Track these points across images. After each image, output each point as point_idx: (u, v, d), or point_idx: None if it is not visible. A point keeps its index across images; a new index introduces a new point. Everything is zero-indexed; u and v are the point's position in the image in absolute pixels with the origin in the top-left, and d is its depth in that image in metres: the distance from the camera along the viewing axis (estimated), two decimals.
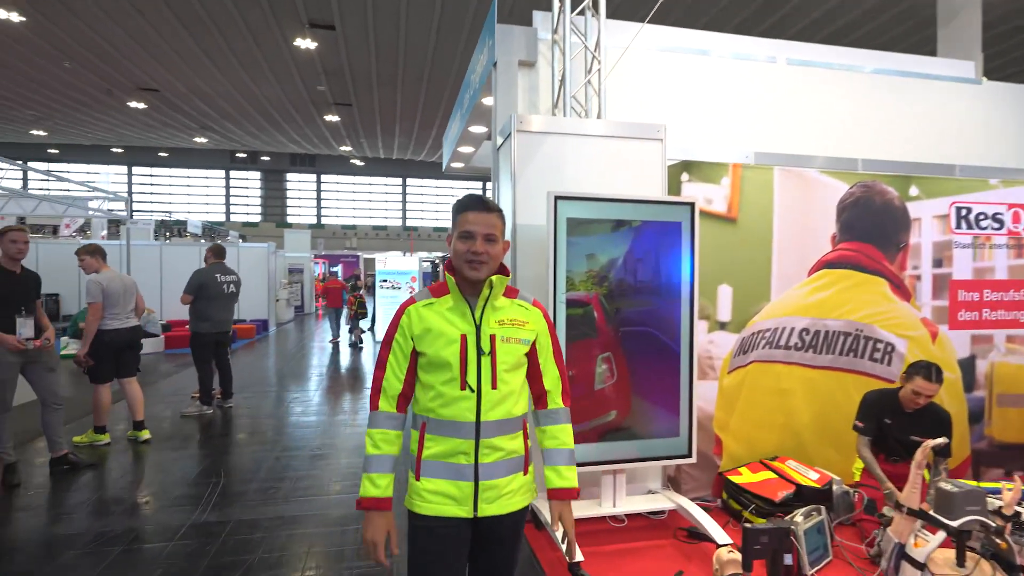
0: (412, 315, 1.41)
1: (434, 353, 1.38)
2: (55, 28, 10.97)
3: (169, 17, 10.52)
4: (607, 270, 1.93)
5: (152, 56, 12.31)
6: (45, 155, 23.59)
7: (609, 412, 1.95)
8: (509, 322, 1.45)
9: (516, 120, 2.07)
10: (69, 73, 13.18)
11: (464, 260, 1.38)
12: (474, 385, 1.38)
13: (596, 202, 1.90)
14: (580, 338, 1.91)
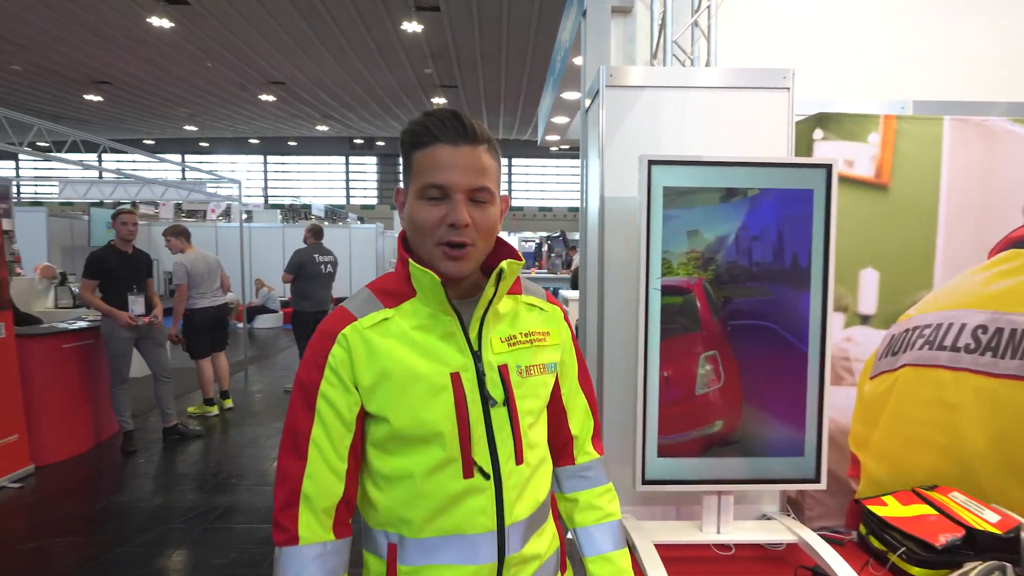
0: (353, 345, 0.82)
1: (408, 418, 0.81)
2: (199, 32, 12.09)
3: (291, 11, 11.18)
4: (714, 250, 1.59)
5: (278, 50, 13.21)
6: (198, 148, 26.50)
7: (713, 422, 1.62)
8: (524, 338, 0.92)
9: (605, 74, 1.76)
10: (211, 72, 14.56)
11: (436, 242, 0.83)
12: (488, 466, 0.83)
13: (701, 166, 1.56)
14: (678, 332, 1.59)
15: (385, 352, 0.83)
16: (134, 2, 10.70)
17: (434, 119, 0.83)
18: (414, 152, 0.84)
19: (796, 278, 1.58)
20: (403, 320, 0.86)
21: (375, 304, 0.87)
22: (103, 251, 3.74)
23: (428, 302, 0.86)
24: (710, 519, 1.69)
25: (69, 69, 14.32)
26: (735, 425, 1.62)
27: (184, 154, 26.18)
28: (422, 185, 0.82)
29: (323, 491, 0.82)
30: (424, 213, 0.83)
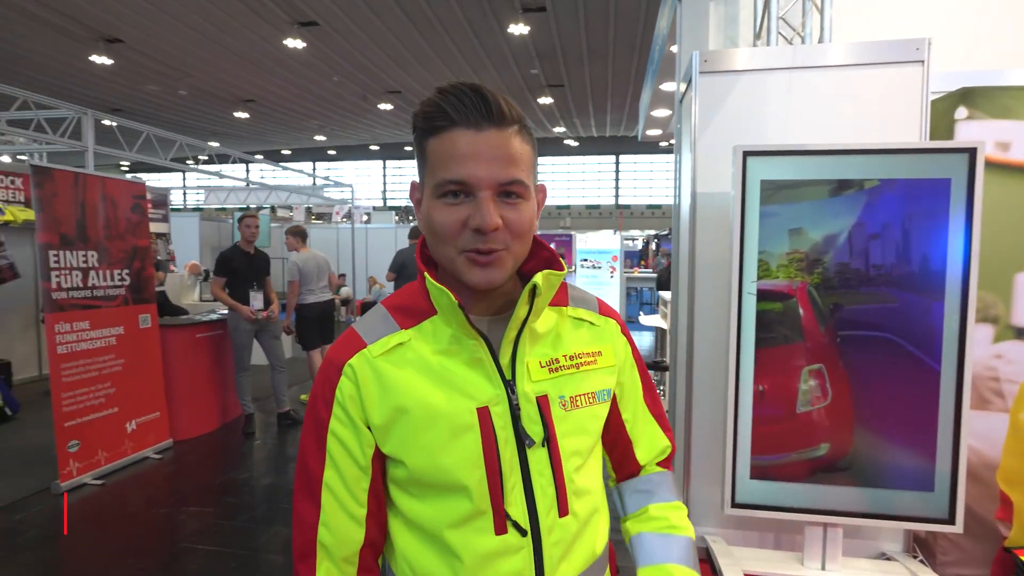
0: (361, 377, 0.71)
1: (426, 462, 0.69)
2: (326, 49, 13.14)
3: (407, 24, 11.79)
4: (821, 251, 1.40)
5: (395, 61, 13.99)
6: (326, 156, 28.87)
7: (818, 444, 1.43)
8: (569, 361, 0.77)
9: (698, 60, 1.63)
10: (336, 85, 15.77)
11: (459, 249, 0.68)
12: (525, 520, 0.70)
13: (806, 156, 1.38)
14: (776, 343, 1.43)
15: (400, 385, 0.70)
16: (273, 27, 11.87)
17: (450, 97, 0.66)
18: (428, 140, 0.68)
19: (926, 283, 1.35)
20: (423, 344, 0.72)
21: (390, 325, 0.74)
22: (229, 251, 4.21)
23: (451, 322, 0.72)
24: (813, 553, 1.50)
25: (223, 91, 16.24)
26: (845, 449, 1.42)
27: (315, 161, 28.65)
28: (439, 181, 0.67)
29: (341, 539, 0.73)
30: (443, 215, 0.67)
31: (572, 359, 0.77)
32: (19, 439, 4.33)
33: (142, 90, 15.68)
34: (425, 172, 0.71)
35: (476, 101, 0.66)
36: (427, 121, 0.68)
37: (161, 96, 16.28)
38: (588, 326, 0.83)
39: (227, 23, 11.69)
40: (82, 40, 12.16)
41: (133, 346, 3.89)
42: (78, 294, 3.26)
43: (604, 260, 10.67)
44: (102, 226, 3.41)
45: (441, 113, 0.67)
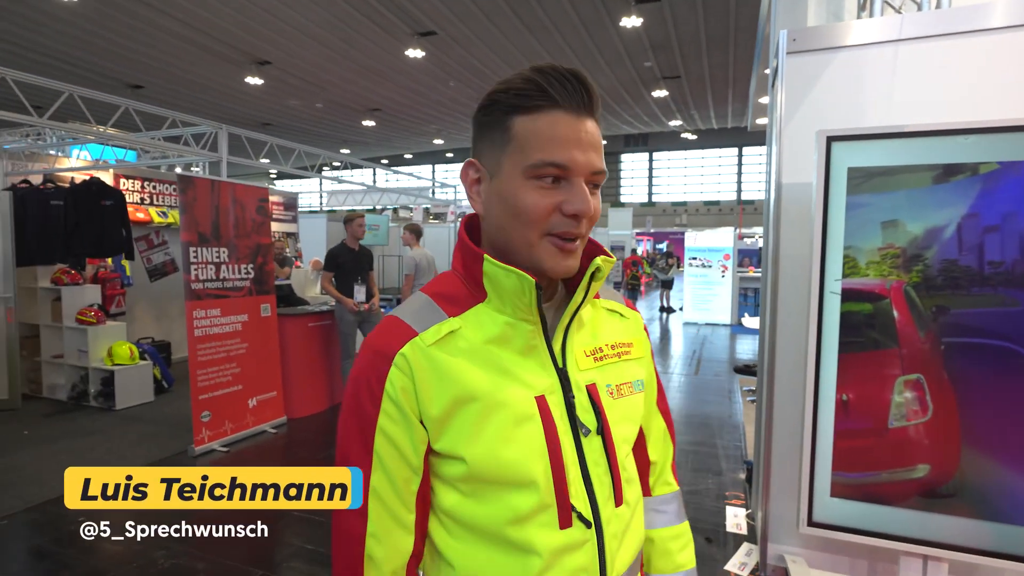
0: (415, 368, 0.65)
1: (488, 456, 0.64)
2: (443, 57, 13.78)
3: (520, 27, 12.02)
4: (922, 246, 1.23)
5: (507, 63, 14.30)
6: (444, 159, 30.25)
7: (914, 465, 1.26)
8: (611, 350, 0.76)
9: (785, 40, 1.51)
10: (452, 91, 16.47)
11: (543, 232, 0.65)
12: (588, 511, 0.68)
13: (904, 139, 1.23)
14: (864, 348, 1.28)
15: (457, 374, 0.65)
16: (396, 39, 12.68)
17: (551, 78, 0.63)
18: (516, 116, 0.64)
19: None
20: (473, 331, 0.68)
21: (437, 313, 0.69)
22: (337, 248, 4.65)
23: (506, 308, 0.68)
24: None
25: (353, 102, 17.65)
26: (949, 473, 1.24)
27: (434, 164, 30.14)
28: (536, 162, 0.63)
29: (391, 551, 0.67)
30: (535, 197, 0.64)
31: (614, 348, 0.77)
32: (170, 409, 5.08)
33: (286, 105, 17.52)
34: (507, 151, 0.65)
35: (578, 87, 0.64)
36: (521, 98, 0.64)
37: (301, 110, 18.07)
38: (619, 317, 0.82)
39: (355, 39, 12.69)
40: (238, 63, 13.85)
41: (255, 332, 4.39)
42: (211, 285, 3.79)
43: (715, 259, 10.10)
44: (232, 226, 3.93)
45: (541, 92, 0.63)
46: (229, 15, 11.18)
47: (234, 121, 19.13)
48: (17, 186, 5.11)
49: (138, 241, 6.20)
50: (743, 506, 2.97)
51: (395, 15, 11.65)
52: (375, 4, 11.06)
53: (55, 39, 11.88)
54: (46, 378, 5.43)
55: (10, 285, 4.81)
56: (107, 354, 5.06)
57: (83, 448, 4.14)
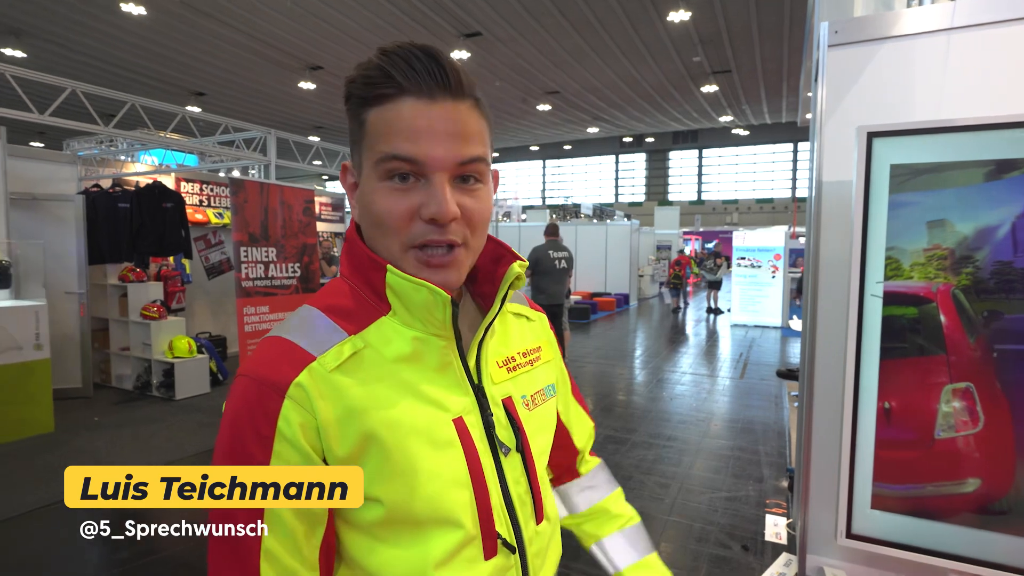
0: (316, 399, 0.54)
1: (407, 494, 0.56)
2: (489, 57, 13.88)
3: (565, 25, 11.98)
4: (972, 246, 1.16)
5: (553, 63, 14.28)
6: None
7: (963, 479, 1.19)
8: (523, 358, 0.71)
9: (826, 32, 1.45)
10: (498, 90, 16.55)
11: (405, 245, 0.58)
12: (511, 536, 0.62)
13: (952, 133, 1.16)
14: (908, 354, 1.22)
15: (365, 402, 0.56)
16: (441, 40, 12.86)
17: (396, 59, 0.55)
18: (368, 110, 0.57)
19: None
20: (378, 349, 0.59)
21: (334, 331, 0.58)
22: None
23: (415, 323, 0.60)
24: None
25: None
26: (1004, 488, 1.16)
27: None
28: (383, 156, 0.55)
29: None
30: (389, 202, 0.56)
31: (525, 356, 0.71)
32: (224, 399, 5.32)
33: (337, 108, 18.05)
34: (363, 149, 0.58)
35: (429, 65, 0.55)
36: (368, 87, 0.56)
37: None
38: (526, 321, 0.76)
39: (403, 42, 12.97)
40: (292, 69, 14.38)
41: None
42: (260, 283, 3.96)
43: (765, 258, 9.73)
44: (280, 226, 4.10)
45: (386, 78, 0.55)
46: (285, 23, 11.63)
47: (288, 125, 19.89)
48: (89, 190, 5.49)
49: (196, 241, 6.55)
50: (784, 515, 2.87)
51: (441, 17, 11.82)
52: (421, 7, 11.26)
53: (128, 51, 12.66)
54: (114, 368, 5.82)
55: (83, 282, 5.17)
56: (168, 347, 5.37)
57: (146, 435, 4.42)
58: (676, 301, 13.42)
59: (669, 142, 27.45)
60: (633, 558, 0.84)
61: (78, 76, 13.57)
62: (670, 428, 4.64)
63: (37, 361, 3.97)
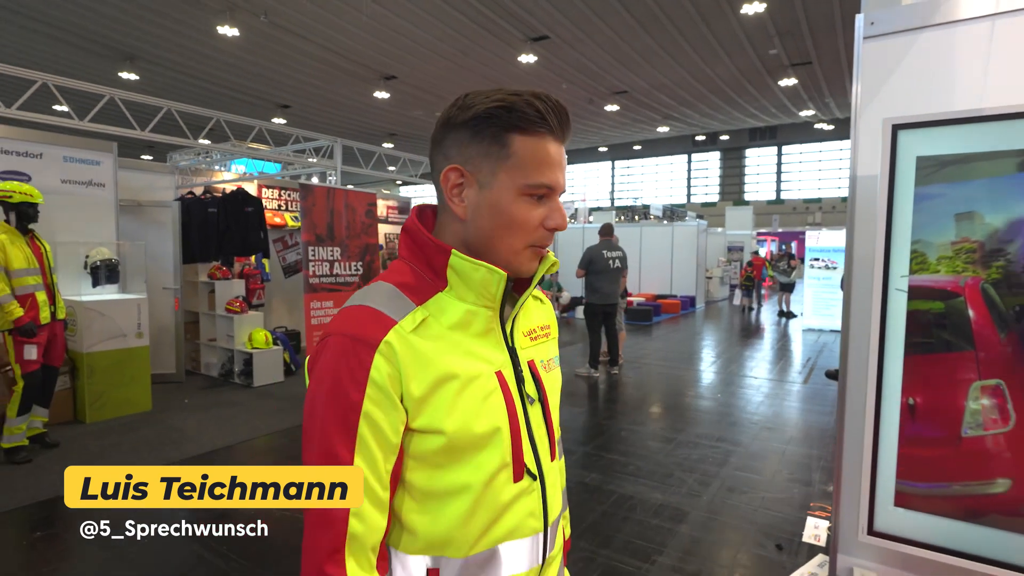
0: (400, 355, 0.69)
1: (463, 423, 0.72)
2: (555, 60, 13.95)
3: (632, 24, 11.86)
4: (1002, 239, 1.12)
5: (620, 62, 14.15)
6: None
7: (992, 479, 1.14)
8: (542, 332, 0.87)
9: (863, 24, 1.43)
10: (565, 92, 16.58)
11: (528, 243, 0.74)
12: (534, 466, 0.78)
13: (980, 123, 1.13)
14: (934, 349, 1.19)
15: (434, 357, 0.71)
16: (510, 45, 13.07)
17: (548, 105, 0.71)
18: (515, 135, 0.70)
19: None
20: (438, 318, 0.74)
21: (406, 302, 0.73)
22: None
23: (469, 296, 0.75)
24: None
25: None
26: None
27: None
28: (534, 183, 0.71)
29: (370, 528, 0.70)
30: (527, 211, 0.72)
31: (542, 329, 0.88)
32: (296, 388, 5.79)
33: (409, 116, 18.74)
34: (503, 164, 0.72)
35: (566, 118, 0.73)
36: (525, 120, 0.70)
37: (423, 119, 19.22)
38: (540, 303, 0.92)
39: (471, 49, 13.26)
40: (368, 80, 15.09)
41: None
42: (326, 280, 4.26)
43: (841, 259, 9.14)
44: (344, 227, 4.38)
45: (540, 117, 0.70)
46: (362, 37, 12.24)
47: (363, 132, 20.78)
48: (184, 197, 6.08)
49: (275, 242, 7.08)
50: (827, 518, 2.74)
51: (508, 23, 12.01)
52: (489, 14, 11.50)
53: (224, 69, 13.78)
54: (203, 357, 6.41)
55: (178, 279, 5.74)
56: (248, 339, 5.85)
57: (228, 416, 4.85)
58: (748, 301, 13.03)
59: (745, 139, 26.30)
60: None
61: (182, 93, 14.87)
62: (720, 429, 4.53)
63: (138, 347, 4.49)
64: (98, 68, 13.18)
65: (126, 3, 10.09)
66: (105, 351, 4.30)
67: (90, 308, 4.25)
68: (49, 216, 3.77)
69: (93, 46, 12.18)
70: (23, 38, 11.66)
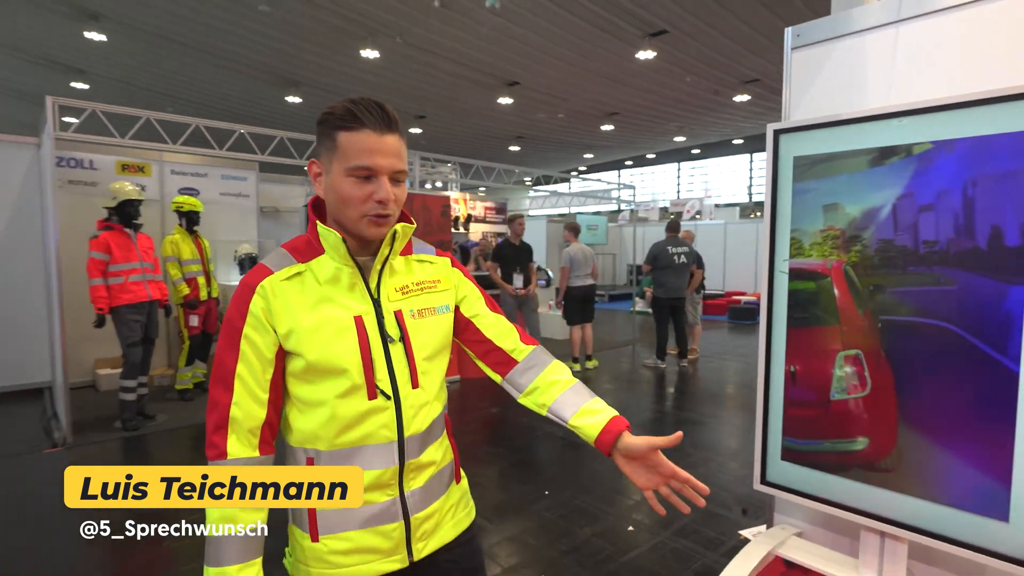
0: (270, 295, 0.95)
1: (320, 353, 0.95)
2: (677, 53, 13.70)
3: (755, 5, 11.31)
4: (860, 227, 1.27)
5: (747, 49, 13.49)
6: (690, 156, 29.35)
7: (854, 437, 1.29)
8: (416, 287, 1.08)
9: (790, 37, 1.61)
10: (689, 86, 16.12)
11: (362, 214, 0.96)
12: (389, 389, 0.99)
13: (840, 127, 1.29)
14: (808, 323, 1.36)
15: (298, 300, 0.96)
16: (627, 43, 13.10)
17: (360, 107, 0.93)
18: (340, 132, 0.93)
19: (997, 262, 1.09)
20: (315, 273, 0.98)
21: (288, 259, 0.99)
22: (502, 243, 5.51)
23: (334, 258, 0.99)
24: (868, 561, 1.34)
25: (591, 109, 18.63)
26: (886, 449, 1.24)
27: (680, 162, 29.48)
28: (352, 166, 0.92)
29: (248, 416, 0.93)
30: (353, 190, 0.93)
31: (418, 285, 1.09)
32: None
33: (533, 119, 19.42)
34: (334, 155, 0.94)
35: (380, 113, 0.94)
36: (341, 120, 0.93)
37: (546, 121, 19.80)
38: (428, 264, 1.13)
39: (590, 50, 13.50)
40: (492, 87, 15.99)
41: None
42: None
43: None
44: (422, 226, 4.97)
45: (353, 116, 0.92)
46: (487, 48, 13.09)
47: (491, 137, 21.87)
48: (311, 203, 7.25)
49: None
50: None
51: (625, 21, 12.06)
52: (605, 15, 11.66)
53: (367, 88, 15.53)
54: None
55: None
56: None
57: None
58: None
59: None
60: (576, 407, 1.08)
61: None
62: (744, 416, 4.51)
63: None
64: (269, 94, 15.59)
65: (291, 37, 11.92)
66: None
67: None
68: (210, 220, 5.02)
69: (266, 76, 14.46)
70: (213, 73, 14.21)
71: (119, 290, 4.08)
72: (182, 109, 15.68)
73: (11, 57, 12.68)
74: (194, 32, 11.54)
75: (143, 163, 5.16)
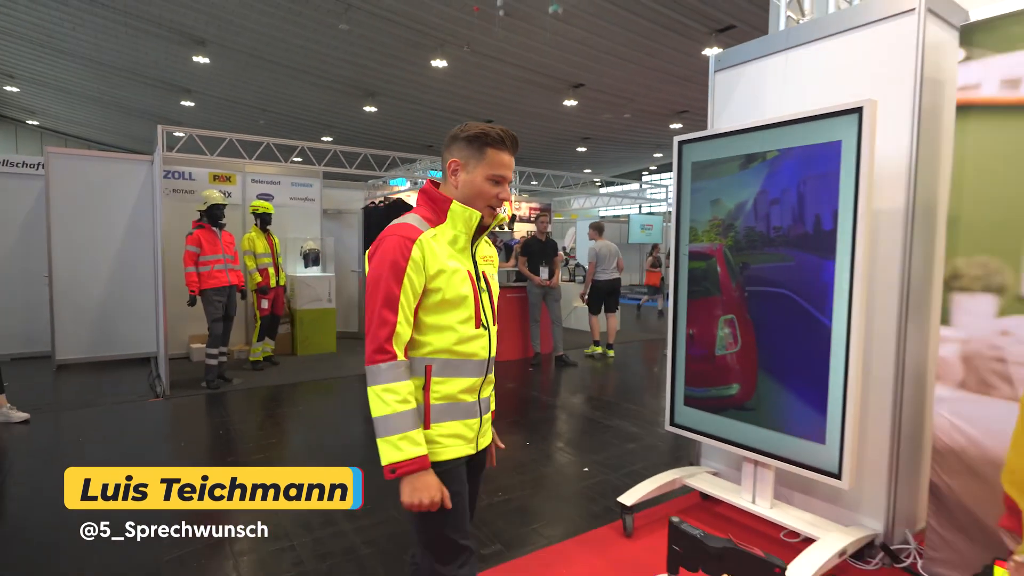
0: (424, 247, 1.23)
1: (453, 291, 1.25)
2: None
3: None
4: (733, 217, 1.61)
5: None
6: None
7: (730, 384, 1.62)
8: (488, 259, 1.41)
9: (714, 60, 1.95)
10: None
11: (487, 204, 1.28)
12: (485, 323, 1.32)
13: (721, 139, 1.62)
14: (701, 295, 1.70)
15: (440, 252, 1.24)
16: (693, 40, 13.01)
17: (506, 135, 1.26)
18: (488, 148, 1.24)
19: (819, 243, 1.40)
20: (441, 235, 1.26)
21: (425, 225, 1.26)
22: (529, 239, 5.91)
23: (457, 227, 1.28)
24: (747, 485, 1.67)
25: (659, 107, 18.50)
26: (751, 391, 1.57)
27: None
28: (492, 173, 1.24)
29: (405, 332, 1.22)
30: (489, 188, 1.25)
31: (487, 258, 1.40)
32: None
33: (599, 120, 19.57)
34: (481, 162, 1.24)
35: (514, 141, 1.27)
36: (493, 141, 1.24)
37: (612, 122, 19.86)
38: (488, 244, 1.45)
39: (655, 49, 13.52)
40: (557, 90, 16.35)
41: None
42: None
43: None
44: None
45: (500, 140, 1.24)
46: (551, 52, 13.46)
47: (557, 138, 22.15)
48: (367, 206, 8.00)
49: None
50: None
51: (691, 20, 12.01)
52: (670, 14, 11.68)
53: (437, 95, 16.37)
54: None
55: (360, 264, 7.66)
56: None
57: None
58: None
59: None
60: None
61: (407, 118, 17.92)
62: None
63: (328, 309, 6.60)
64: (349, 104, 16.84)
65: (367, 51, 12.93)
66: (310, 309, 6.46)
67: (302, 281, 6.42)
68: (281, 221, 5.97)
69: (345, 87, 15.67)
70: (299, 88, 15.58)
71: (207, 277, 5.14)
72: (272, 120, 17.27)
73: (131, 81, 14.59)
74: (282, 51, 12.80)
75: (230, 173, 6.27)
